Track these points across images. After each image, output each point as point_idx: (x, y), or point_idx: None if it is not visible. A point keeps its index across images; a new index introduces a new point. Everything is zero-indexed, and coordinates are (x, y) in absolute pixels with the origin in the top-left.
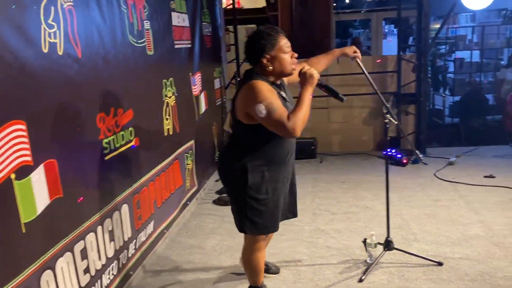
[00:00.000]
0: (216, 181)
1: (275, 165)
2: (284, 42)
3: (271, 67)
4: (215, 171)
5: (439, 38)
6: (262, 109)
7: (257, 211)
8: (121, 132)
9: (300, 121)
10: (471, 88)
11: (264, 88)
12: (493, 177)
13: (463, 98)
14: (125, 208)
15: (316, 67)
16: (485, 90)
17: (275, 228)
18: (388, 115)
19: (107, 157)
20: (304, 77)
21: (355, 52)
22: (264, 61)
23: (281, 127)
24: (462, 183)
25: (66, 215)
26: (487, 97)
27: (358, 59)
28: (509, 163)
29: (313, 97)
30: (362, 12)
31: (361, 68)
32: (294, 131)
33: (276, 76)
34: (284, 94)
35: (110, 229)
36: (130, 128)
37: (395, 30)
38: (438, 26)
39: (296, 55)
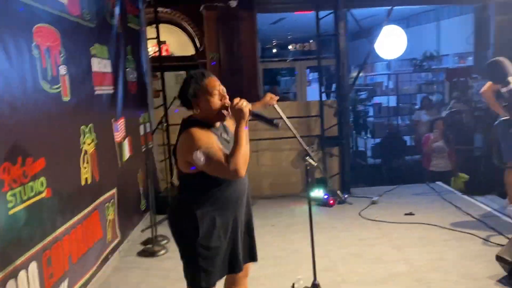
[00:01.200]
0: (142, 231)
1: (226, 209)
2: (210, 83)
3: (199, 110)
4: (141, 221)
5: (359, 84)
6: (200, 156)
7: (211, 260)
8: (30, 183)
9: (241, 160)
10: (390, 130)
11: (200, 134)
12: (413, 214)
13: (383, 140)
14: (33, 266)
15: None
16: (402, 132)
17: (226, 272)
18: (307, 157)
19: (11, 211)
20: (234, 113)
21: (271, 98)
22: (193, 104)
23: (222, 171)
24: (385, 221)
25: None
26: (405, 139)
27: (275, 105)
28: (426, 201)
29: None
30: (288, 61)
31: (279, 113)
32: (237, 172)
33: (211, 118)
34: (226, 136)
35: None
36: (41, 178)
37: None
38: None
39: (227, 96)
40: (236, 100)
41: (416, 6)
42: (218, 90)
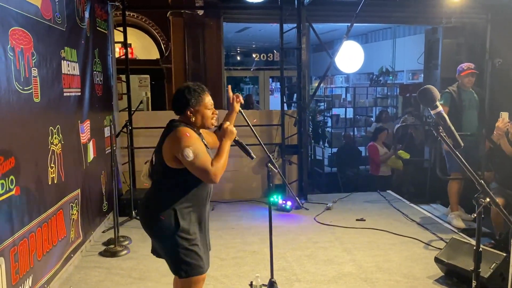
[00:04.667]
0: (104, 232)
1: (199, 206)
2: (208, 100)
3: (194, 119)
4: (103, 221)
5: (319, 96)
6: (190, 153)
7: (190, 251)
8: (1, 181)
9: (221, 168)
10: (346, 141)
11: (192, 134)
12: (364, 220)
13: (339, 150)
14: (1, 261)
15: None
16: (358, 143)
17: (207, 266)
18: (269, 164)
19: None
20: (225, 132)
21: (237, 96)
22: (188, 113)
23: (205, 172)
24: (338, 226)
25: None
26: (360, 149)
27: (243, 114)
28: (376, 207)
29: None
30: (251, 70)
31: (246, 121)
32: (216, 176)
33: (197, 128)
34: (205, 142)
35: None
36: (11, 177)
37: None
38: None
39: (217, 112)
40: (227, 123)
41: (371, 24)
42: (212, 105)
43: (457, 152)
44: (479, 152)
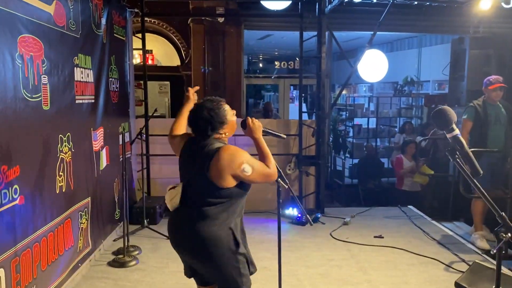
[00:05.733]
0: (114, 240)
1: (241, 215)
2: (227, 108)
3: (227, 133)
4: (114, 230)
5: (341, 104)
6: (247, 168)
7: (245, 264)
8: (4, 191)
9: (274, 164)
10: (368, 152)
11: (239, 149)
12: (382, 237)
13: (361, 161)
14: (1, 273)
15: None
16: (380, 154)
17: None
18: (279, 179)
19: None
20: (253, 129)
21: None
22: (221, 131)
23: (268, 176)
24: (354, 243)
25: None
26: (383, 161)
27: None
28: (396, 224)
29: None
30: (272, 78)
31: (271, 133)
32: (276, 174)
33: (228, 135)
34: None
35: None
36: (15, 186)
37: None
38: (343, 93)
39: (234, 111)
40: (250, 119)
41: (397, 33)
42: (232, 110)
43: (475, 181)
44: (506, 169)
